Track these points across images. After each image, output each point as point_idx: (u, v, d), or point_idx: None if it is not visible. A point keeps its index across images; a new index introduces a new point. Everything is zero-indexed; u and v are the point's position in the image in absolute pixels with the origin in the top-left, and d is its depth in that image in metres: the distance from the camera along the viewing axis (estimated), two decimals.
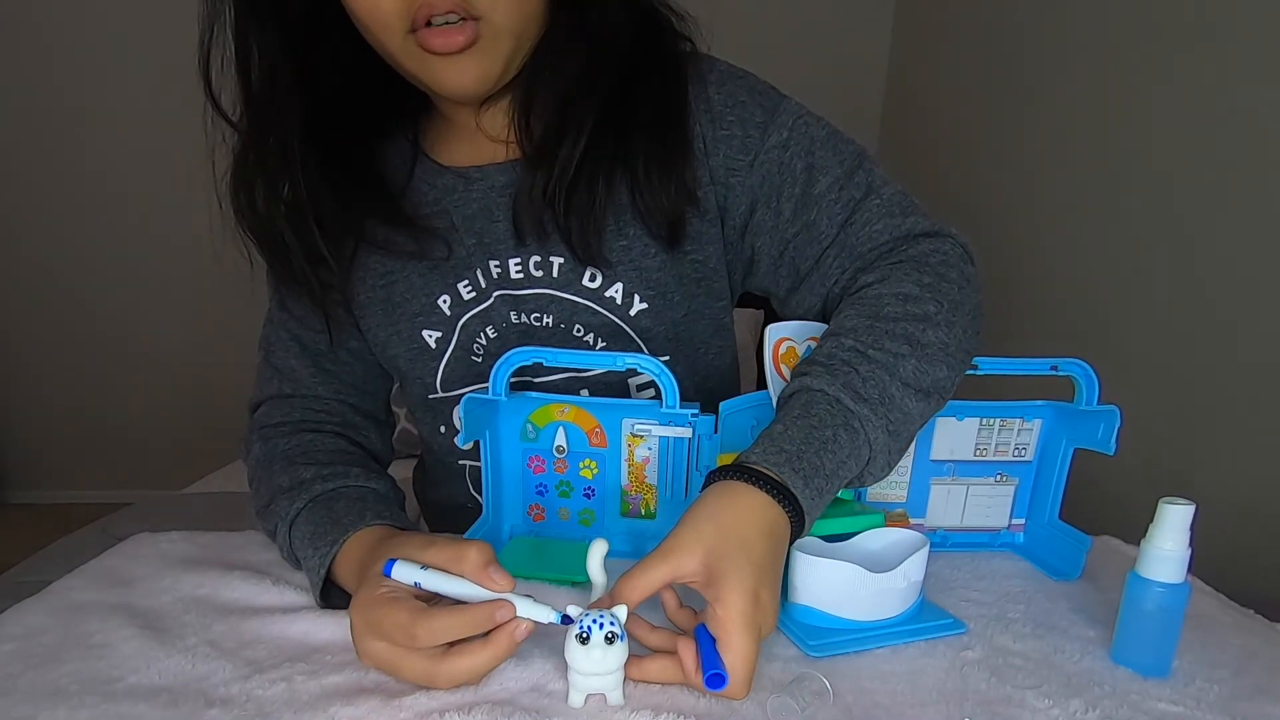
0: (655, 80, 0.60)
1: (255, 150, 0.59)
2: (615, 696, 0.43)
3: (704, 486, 0.48)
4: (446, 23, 0.52)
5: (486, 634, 0.43)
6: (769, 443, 0.48)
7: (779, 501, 0.46)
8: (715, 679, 0.41)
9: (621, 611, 0.42)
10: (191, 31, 0.56)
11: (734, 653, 0.41)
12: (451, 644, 0.44)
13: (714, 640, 0.42)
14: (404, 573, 0.45)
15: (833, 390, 0.50)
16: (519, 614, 0.43)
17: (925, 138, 2.12)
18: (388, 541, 0.51)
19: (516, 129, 0.61)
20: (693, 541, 0.44)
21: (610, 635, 0.41)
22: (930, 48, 2.11)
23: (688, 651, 0.43)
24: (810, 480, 0.47)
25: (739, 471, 0.47)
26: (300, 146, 0.59)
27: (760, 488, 0.46)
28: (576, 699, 0.43)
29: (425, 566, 0.45)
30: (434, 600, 0.46)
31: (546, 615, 0.43)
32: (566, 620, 0.43)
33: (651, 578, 0.44)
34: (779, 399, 0.54)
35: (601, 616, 0.42)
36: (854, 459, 0.50)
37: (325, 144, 0.60)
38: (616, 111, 0.58)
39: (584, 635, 0.41)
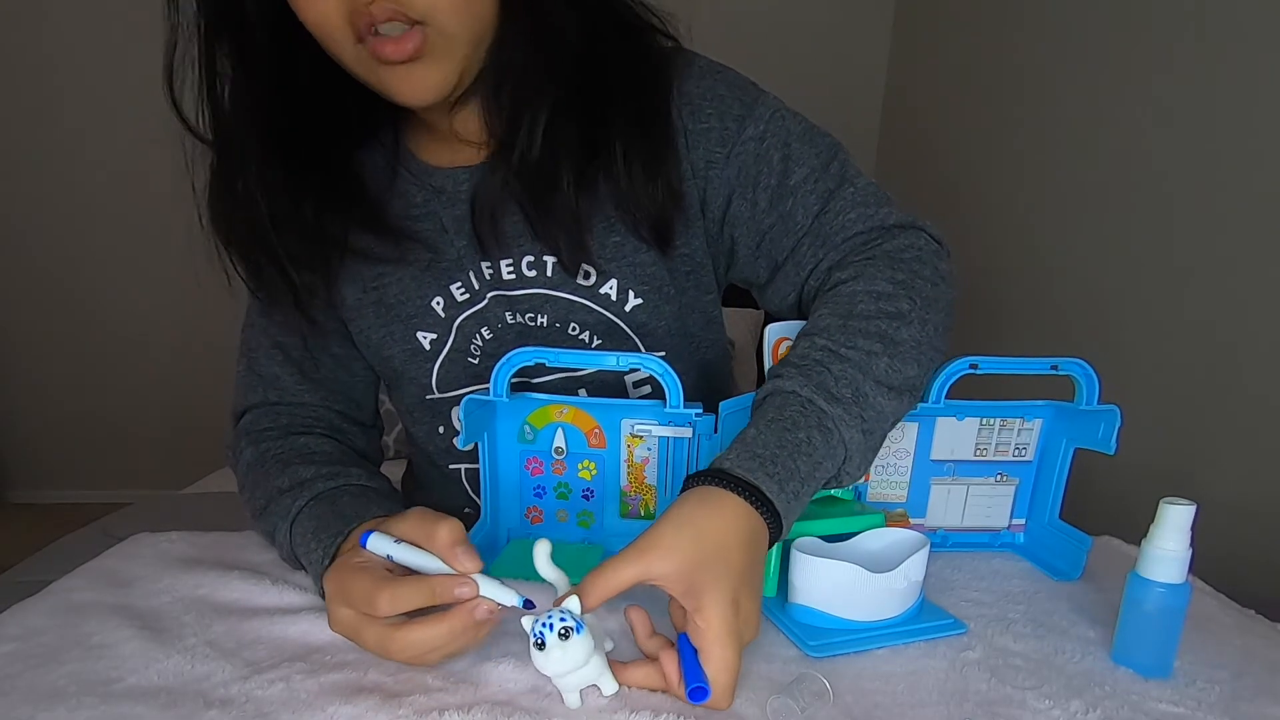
0: (633, 78, 0.60)
1: (227, 168, 0.59)
2: (607, 685, 0.42)
3: (681, 490, 0.48)
4: (393, 32, 0.51)
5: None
6: (743, 447, 0.48)
7: (756, 507, 0.45)
8: (698, 693, 0.40)
9: (572, 604, 0.41)
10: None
11: (715, 664, 0.41)
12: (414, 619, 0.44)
13: (695, 651, 0.42)
14: (379, 545, 0.46)
15: (805, 391, 0.50)
16: (482, 593, 0.43)
17: (924, 137, 2.12)
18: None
19: (486, 132, 0.61)
20: (669, 545, 0.43)
21: (564, 631, 0.40)
22: (930, 47, 2.11)
23: (670, 662, 0.43)
24: (785, 484, 0.47)
25: (715, 477, 0.46)
26: (273, 161, 0.58)
27: (737, 493, 0.45)
28: (571, 699, 0.43)
29: (400, 540, 0.46)
30: (408, 573, 0.46)
31: (510, 598, 0.43)
32: (529, 605, 0.43)
33: (621, 575, 0.42)
34: (754, 401, 0.54)
35: (550, 617, 0.40)
36: (830, 460, 0.50)
37: (302, 155, 0.60)
38: (589, 111, 0.58)
39: (539, 641, 0.40)
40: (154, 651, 0.49)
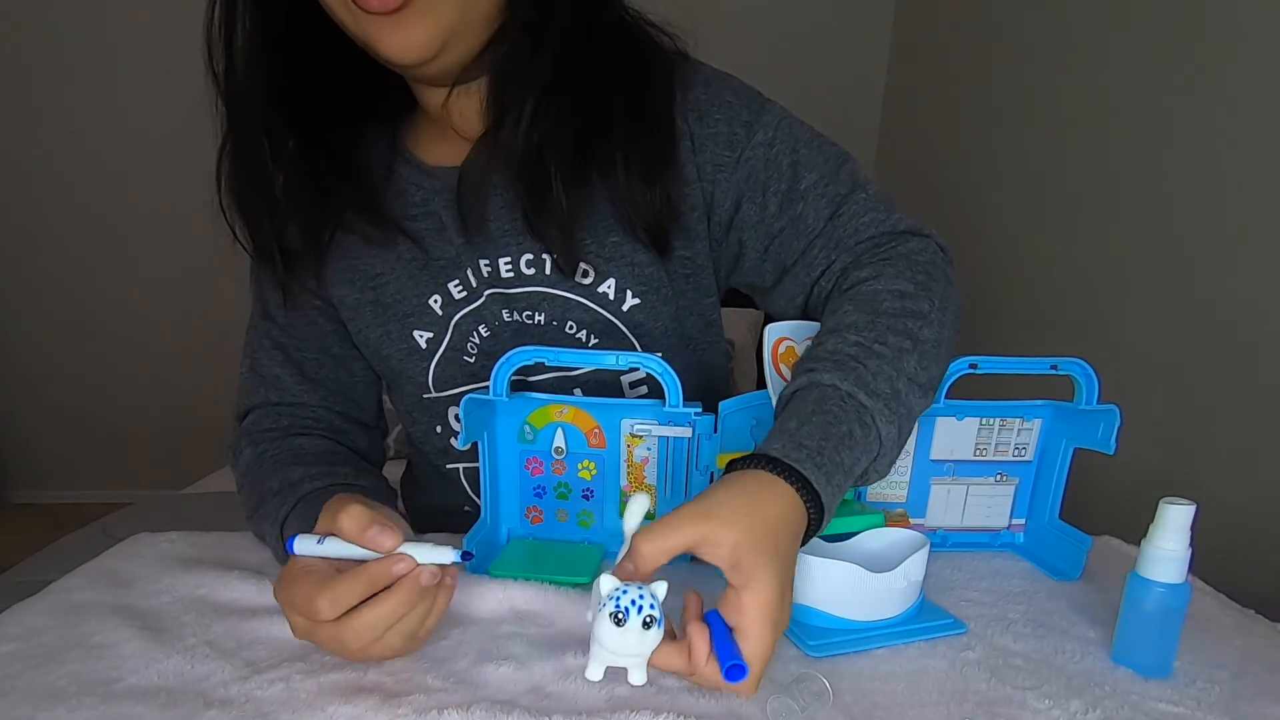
0: (636, 83, 0.60)
1: (236, 125, 0.61)
2: (638, 675, 0.42)
3: (726, 473, 0.46)
4: None
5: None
6: (787, 438, 0.47)
7: (804, 500, 0.45)
8: (736, 670, 0.39)
9: (661, 590, 0.40)
10: (179, 29, 0.56)
11: (754, 643, 0.40)
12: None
13: (728, 630, 0.41)
14: (304, 547, 0.45)
15: (845, 385, 0.50)
16: (420, 562, 0.42)
17: (924, 137, 2.12)
18: None
19: (484, 126, 0.61)
20: (728, 516, 0.41)
21: (648, 619, 0.39)
22: (930, 47, 2.11)
23: (700, 637, 0.41)
24: (831, 477, 0.46)
25: (767, 462, 0.45)
26: (279, 129, 0.61)
27: (788, 482, 0.44)
28: (595, 671, 0.42)
29: (324, 538, 0.45)
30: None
31: (448, 556, 0.43)
32: (467, 556, 0.43)
33: (679, 535, 0.41)
34: (782, 395, 0.54)
35: (641, 598, 0.38)
36: (865, 455, 0.49)
37: (309, 129, 0.62)
38: (589, 112, 0.59)
39: (619, 615, 0.38)
40: (154, 651, 0.49)
